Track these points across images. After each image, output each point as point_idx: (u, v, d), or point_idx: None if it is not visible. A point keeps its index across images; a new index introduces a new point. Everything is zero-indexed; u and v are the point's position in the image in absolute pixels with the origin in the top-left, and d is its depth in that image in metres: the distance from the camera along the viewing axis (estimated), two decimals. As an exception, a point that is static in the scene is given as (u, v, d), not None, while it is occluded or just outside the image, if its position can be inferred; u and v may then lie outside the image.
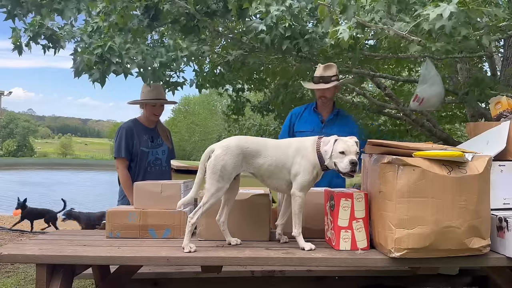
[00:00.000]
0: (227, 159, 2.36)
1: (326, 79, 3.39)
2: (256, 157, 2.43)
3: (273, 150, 2.47)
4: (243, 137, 2.54)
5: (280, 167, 2.44)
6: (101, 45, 2.94)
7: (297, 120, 3.59)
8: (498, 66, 5.40)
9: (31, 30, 3.16)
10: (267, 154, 2.45)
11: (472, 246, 2.17)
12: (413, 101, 3.36)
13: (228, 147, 2.38)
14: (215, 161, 2.36)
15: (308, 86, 3.61)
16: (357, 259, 2.27)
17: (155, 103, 3.50)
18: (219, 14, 3.50)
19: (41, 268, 2.31)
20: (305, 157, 2.44)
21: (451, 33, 2.46)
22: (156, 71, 3.18)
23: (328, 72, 3.40)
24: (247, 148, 2.42)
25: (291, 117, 3.65)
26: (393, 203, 2.16)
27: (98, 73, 3.00)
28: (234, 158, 2.38)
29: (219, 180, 2.35)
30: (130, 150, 3.45)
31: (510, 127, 2.55)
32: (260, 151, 2.44)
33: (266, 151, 2.45)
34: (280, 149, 2.48)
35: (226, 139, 2.48)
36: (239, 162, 2.40)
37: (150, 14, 3.38)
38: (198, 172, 2.41)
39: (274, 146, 2.49)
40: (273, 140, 2.59)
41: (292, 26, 3.32)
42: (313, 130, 3.42)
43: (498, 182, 2.43)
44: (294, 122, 3.60)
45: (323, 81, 3.40)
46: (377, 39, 4.13)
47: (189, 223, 2.36)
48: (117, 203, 3.55)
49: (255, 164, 2.44)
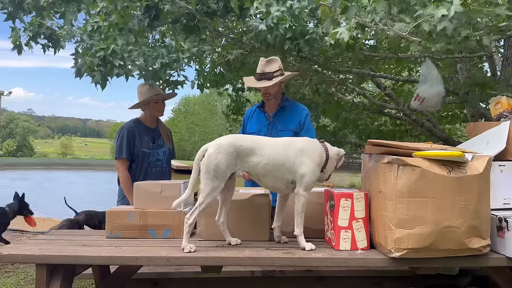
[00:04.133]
0: (220, 157, 2.33)
1: (268, 75, 3.08)
2: (251, 155, 2.40)
3: (270, 149, 2.44)
4: (237, 135, 2.52)
5: (278, 166, 2.41)
6: (103, 48, 2.94)
7: (249, 121, 3.39)
8: (498, 66, 5.41)
9: (31, 30, 3.17)
10: (263, 153, 2.42)
11: (472, 246, 2.17)
12: (414, 100, 3.36)
13: (221, 146, 2.36)
14: (208, 160, 2.33)
15: (249, 83, 3.27)
16: (357, 259, 2.27)
17: (158, 99, 3.49)
18: (219, 14, 3.51)
19: (41, 268, 2.31)
20: (311, 158, 2.43)
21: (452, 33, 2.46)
22: (157, 71, 3.19)
23: (270, 67, 3.08)
24: (241, 146, 2.39)
25: (244, 119, 3.48)
26: (393, 203, 2.16)
27: (99, 75, 3.00)
28: (227, 156, 2.35)
29: (213, 180, 2.33)
30: (131, 151, 3.44)
31: (510, 127, 2.55)
32: (254, 149, 2.41)
33: (262, 150, 2.42)
34: (278, 147, 2.45)
35: (220, 137, 2.46)
36: (233, 161, 2.37)
37: (151, 14, 3.38)
38: (193, 171, 2.38)
39: (271, 145, 2.46)
40: (270, 138, 2.56)
41: (293, 27, 3.32)
42: (260, 130, 3.24)
43: (498, 182, 2.43)
44: (247, 123, 3.39)
45: (265, 78, 3.08)
46: (377, 39, 4.14)
47: (186, 224, 2.36)
48: (116, 203, 3.54)
49: (250, 162, 2.41)
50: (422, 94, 3.29)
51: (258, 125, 3.27)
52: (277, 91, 3.18)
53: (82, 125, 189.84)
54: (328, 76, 5.38)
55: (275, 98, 3.21)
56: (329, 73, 5.26)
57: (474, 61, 5.99)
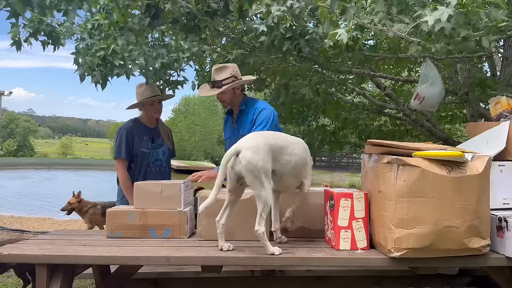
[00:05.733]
0: (261, 158, 2.24)
1: (218, 83, 3.09)
2: (282, 154, 2.38)
3: (297, 147, 2.45)
4: (266, 133, 2.51)
5: (302, 166, 2.46)
6: (104, 48, 2.93)
7: (225, 128, 3.42)
8: (498, 66, 5.41)
9: (31, 26, 3.15)
10: (293, 152, 2.42)
11: (471, 246, 2.17)
12: (414, 99, 3.36)
13: (258, 147, 2.26)
14: (251, 164, 2.22)
15: (202, 92, 3.26)
16: (357, 259, 2.28)
17: (153, 101, 3.49)
18: (220, 14, 3.51)
19: (41, 268, 2.31)
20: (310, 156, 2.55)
21: (451, 34, 2.46)
22: (157, 71, 3.19)
23: (220, 75, 3.10)
24: (274, 145, 2.35)
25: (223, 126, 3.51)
26: (393, 203, 2.16)
27: (100, 75, 3.00)
28: (267, 156, 2.27)
29: (265, 181, 2.24)
30: (130, 151, 3.44)
31: (510, 127, 2.55)
32: (286, 148, 2.40)
33: (292, 148, 2.42)
34: (299, 145, 2.49)
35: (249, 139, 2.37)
36: (271, 160, 2.31)
37: (151, 13, 3.38)
38: (219, 174, 2.28)
39: (296, 143, 2.48)
40: (290, 137, 2.59)
41: (293, 27, 3.32)
42: (230, 136, 3.27)
43: (498, 182, 2.44)
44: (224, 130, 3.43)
45: (216, 86, 3.10)
46: (377, 40, 4.14)
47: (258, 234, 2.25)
48: (116, 203, 3.55)
49: (281, 161, 2.37)
50: (422, 94, 3.29)
51: (229, 132, 3.32)
52: (230, 97, 3.17)
53: (82, 125, 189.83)
54: (328, 76, 5.38)
55: (231, 104, 3.22)
56: (329, 73, 5.26)
57: (474, 61, 5.99)
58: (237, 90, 3.18)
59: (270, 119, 3.08)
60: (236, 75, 3.15)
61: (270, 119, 3.08)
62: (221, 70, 3.11)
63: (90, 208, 5.01)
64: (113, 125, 70.91)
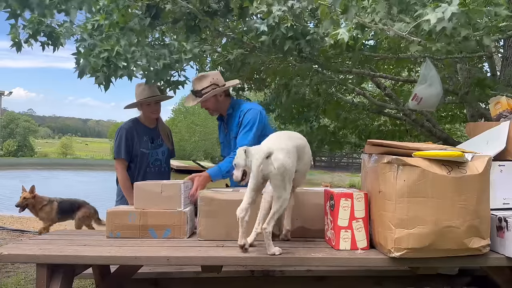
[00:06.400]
0: (291, 161, 2.25)
1: (199, 93, 3.16)
2: (305, 153, 2.42)
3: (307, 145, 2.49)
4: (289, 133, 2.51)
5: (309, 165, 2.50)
6: (107, 49, 2.94)
7: (219, 132, 3.45)
8: (498, 66, 5.41)
9: (30, 27, 3.15)
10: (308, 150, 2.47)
11: (472, 246, 2.17)
12: (411, 100, 3.36)
13: (289, 150, 2.26)
14: (283, 167, 2.21)
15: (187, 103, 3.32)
16: (357, 259, 2.28)
17: (150, 102, 3.48)
18: (220, 14, 3.51)
19: (41, 268, 2.31)
20: None
21: (451, 34, 2.46)
22: (159, 72, 3.19)
23: (200, 84, 3.16)
24: (299, 145, 2.37)
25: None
26: (393, 203, 2.16)
27: (103, 76, 3.00)
28: (295, 158, 2.29)
29: (288, 184, 2.25)
30: (130, 151, 3.44)
31: (510, 127, 2.55)
32: (306, 147, 2.44)
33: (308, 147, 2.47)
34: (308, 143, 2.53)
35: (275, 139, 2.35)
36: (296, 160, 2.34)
37: (151, 13, 3.38)
38: (251, 177, 2.25)
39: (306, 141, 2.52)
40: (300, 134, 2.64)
41: (294, 27, 3.32)
42: (223, 141, 3.35)
43: (498, 182, 2.44)
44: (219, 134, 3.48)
45: (197, 96, 3.17)
46: (377, 39, 4.14)
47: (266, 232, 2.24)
48: (115, 203, 3.55)
49: (303, 160, 2.40)
50: (420, 94, 3.29)
51: (222, 136, 3.38)
52: (213, 105, 3.22)
53: (82, 125, 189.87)
54: (328, 76, 5.38)
55: (217, 111, 3.28)
56: (329, 73, 5.26)
57: (474, 61, 5.99)
58: (219, 97, 3.22)
59: (257, 120, 3.10)
60: (217, 82, 3.18)
61: (256, 120, 3.10)
62: (201, 80, 3.16)
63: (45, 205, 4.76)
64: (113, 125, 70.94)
